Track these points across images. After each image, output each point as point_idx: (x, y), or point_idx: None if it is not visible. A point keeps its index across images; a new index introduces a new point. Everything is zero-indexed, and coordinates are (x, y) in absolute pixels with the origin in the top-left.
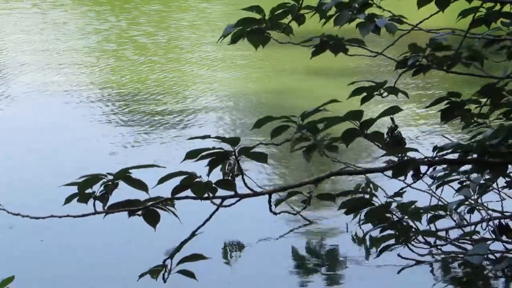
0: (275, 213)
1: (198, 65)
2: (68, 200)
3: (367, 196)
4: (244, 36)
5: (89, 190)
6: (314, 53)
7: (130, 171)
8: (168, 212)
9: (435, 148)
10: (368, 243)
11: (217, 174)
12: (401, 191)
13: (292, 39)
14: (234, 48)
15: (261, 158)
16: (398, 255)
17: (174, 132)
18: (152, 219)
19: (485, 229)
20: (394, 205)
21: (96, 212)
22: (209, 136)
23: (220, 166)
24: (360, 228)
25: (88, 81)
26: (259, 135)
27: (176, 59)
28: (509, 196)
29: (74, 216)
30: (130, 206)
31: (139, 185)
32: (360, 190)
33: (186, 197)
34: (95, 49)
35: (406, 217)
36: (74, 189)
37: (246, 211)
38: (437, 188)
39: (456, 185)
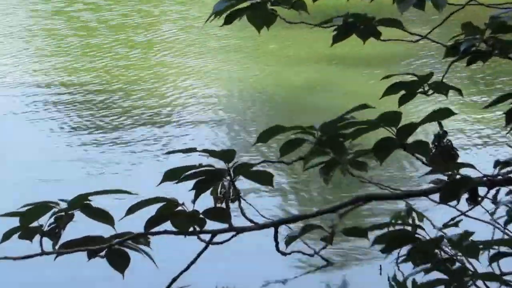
0: (284, 254)
1: (178, 52)
2: (7, 236)
3: (408, 228)
4: (241, 14)
5: (35, 223)
6: (336, 38)
7: (89, 198)
8: (141, 253)
9: (497, 163)
10: None
11: (205, 201)
12: (453, 221)
13: (305, 18)
14: (229, 29)
15: (265, 179)
16: None
17: (149, 145)
18: (120, 261)
19: None
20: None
21: (43, 253)
22: (194, 150)
23: (210, 190)
24: (399, 269)
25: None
26: (263, 149)
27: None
28: None
29: (15, 258)
30: (90, 245)
31: (102, 216)
32: (398, 220)
33: (165, 232)
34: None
35: (460, 254)
36: (15, 222)
37: (246, 249)
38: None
39: None
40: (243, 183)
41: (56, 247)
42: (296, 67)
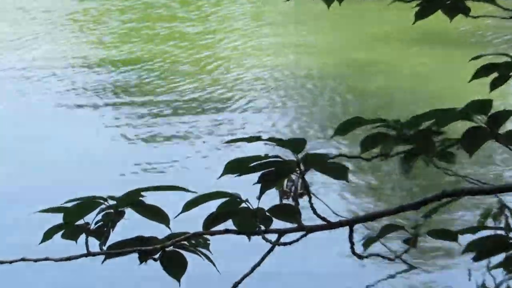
0: (360, 257)
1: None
2: (48, 235)
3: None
4: None
5: (80, 221)
6: (419, 15)
7: (143, 193)
8: (199, 256)
9: None
10: None
11: (270, 197)
12: None
13: None
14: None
15: (340, 172)
16: None
17: (207, 134)
18: (176, 265)
19: None
20: None
21: (90, 254)
22: (259, 138)
23: (275, 185)
24: (490, 275)
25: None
26: (335, 140)
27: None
28: None
29: (56, 260)
30: (142, 246)
31: (156, 214)
32: (489, 218)
33: (226, 231)
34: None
35: None
36: (57, 218)
37: (317, 250)
38: None
39: None
40: (311, 177)
41: (104, 248)
42: (371, 46)
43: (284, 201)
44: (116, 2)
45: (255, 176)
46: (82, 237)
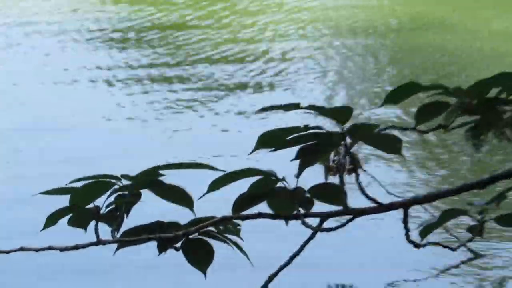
0: (417, 245)
1: None
2: (52, 220)
3: None
4: None
5: (89, 204)
6: None
7: (161, 171)
8: (228, 244)
9: None
10: None
11: (311, 175)
12: None
13: None
14: None
15: (392, 145)
16: None
17: (235, 104)
18: (201, 255)
19: None
20: None
21: (99, 242)
22: (297, 106)
23: (317, 161)
24: None
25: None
26: (386, 109)
27: None
28: None
29: (62, 249)
30: (161, 233)
31: (177, 196)
32: None
33: (259, 215)
34: None
35: None
36: (62, 201)
37: (365, 237)
38: None
39: None
40: (358, 151)
41: (117, 235)
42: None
43: (330, 179)
44: None
45: (293, 151)
46: (92, 223)
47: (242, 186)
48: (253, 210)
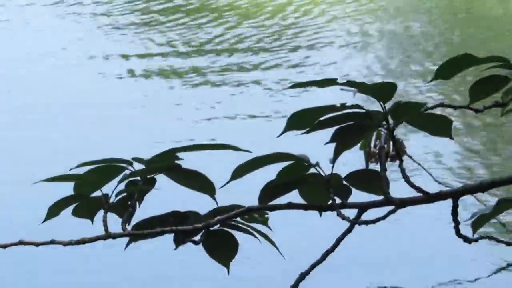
0: (468, 240)
1: None
2: (54, 211)
3: None
4: None
5: (97, 192)
6: None
7: (178, 154)
8: (255, 236)
9: None
10: None
11: (349, 160)
12: None
13: None
14: None
15: (441, 127)
16: None
17: (263, 80)
18: (224, 248)
19: None
20: None
21: (109, 235)
22: (335, 81)
23: (357, 144)
24: None
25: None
26: (436, 84)
27: None
28: None
29: (65, 244)
30: (178, 225)
31: (197, 182)
32: None
33: (290, 206)
34: None
35: None
36: (66, 188)
37: (410, 231)
38: None
39: None
40: (403, 133)
41: (128, 228)
42: None
43: (372, 166)
44: None
45: (328, 133)
46: (99, 214)
47: (270, 172)
48: (283, 200)
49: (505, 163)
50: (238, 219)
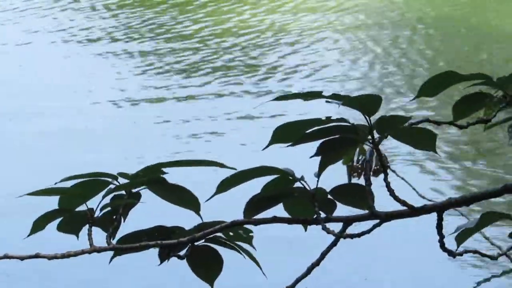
0: (452, 254)
1: None
2: (39, 225)
3: None
4: None
5: (82, 206)
6: None
7: (164, 169)
8: (239, 252)
9: None
10: None
11: (333, 174)
12: None
13: None
14: None
15: (426, 141)
16: None
17: (249, 93)
18: (208, 265)
19: None
20: None
21: (94, 249)
22: (320, 94)
23: (340, 158)
24: None
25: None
26: (420, 101)
27: None
28: None
29: (50, 258)
30: (163, 239)
31: (182, 197)
32: None
33: (275, 220)
34: None
35: None
36: (51, 203)
37: (394, 244)
38: None
39: None
40: (387, 147)
41: (113, 241)
42: None
43: (354, 180)
44: None
45: (313, 146)
46: (85, 228)
47: (255, 186)
48: (268, 214)
49: (494, 174)
50: (223, 236)
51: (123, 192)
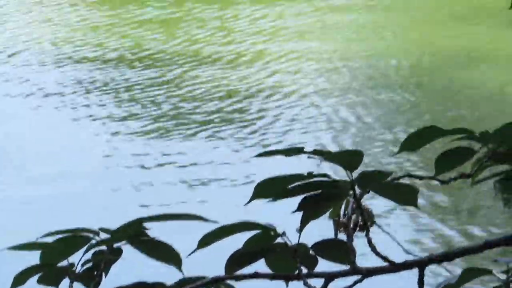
0: None
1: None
2: (20, 279)
3: None
4: None
5: (63, 262)
6: None
7: (145, 224)
8: None
9: None
10: None
11: (315, 229)
12: None
13: None
14: None
15: (407, 196)
16: None
17: (232, 146)
18: None
19: None
20: None
21: None
22: (300, 150)
23: (325, 213)
24: None
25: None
26: (401, 156)
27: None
28: None
29: None
30: None
31: (163, 252)
32: None
33: (257, 275)
34: None
35: None
36: (32, 258)
37: None
38: None
39: None
40: (369, 202)
41: None
42: (449, 29)
43: (341, 235)
44: None
45: (295, 201)
46: (65, 282)
47: (237, 241)
48: (250, 269)
49: (476, 228)
50: None
51: (105, 247)
